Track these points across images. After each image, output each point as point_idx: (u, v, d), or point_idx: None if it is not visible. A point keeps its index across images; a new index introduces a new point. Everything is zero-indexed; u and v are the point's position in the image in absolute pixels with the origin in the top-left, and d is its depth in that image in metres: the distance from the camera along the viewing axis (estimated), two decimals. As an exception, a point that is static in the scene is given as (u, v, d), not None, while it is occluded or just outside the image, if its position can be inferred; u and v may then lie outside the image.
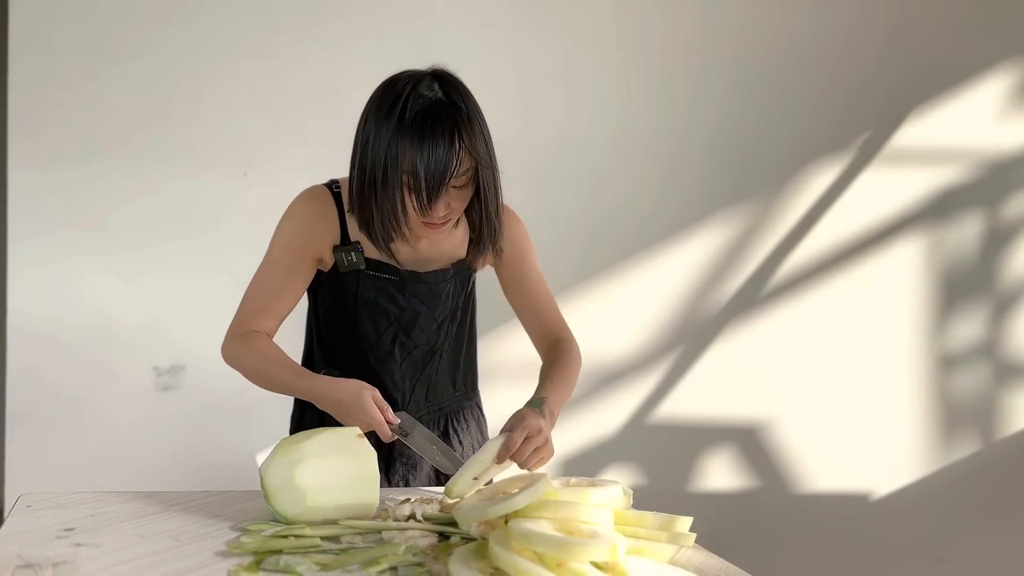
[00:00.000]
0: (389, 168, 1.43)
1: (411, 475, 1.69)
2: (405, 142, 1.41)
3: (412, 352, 1.65)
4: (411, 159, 1.41)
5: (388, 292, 1.60)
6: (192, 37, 2.62)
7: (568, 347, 1.70)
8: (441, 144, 1.41)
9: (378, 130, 1.45)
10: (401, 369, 1.65)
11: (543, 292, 1.74)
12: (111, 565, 1.06)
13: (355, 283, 1.60)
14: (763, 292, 2.97)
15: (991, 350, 3.10)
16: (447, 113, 1.43)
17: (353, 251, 1.58)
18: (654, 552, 1.14)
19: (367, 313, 1.61)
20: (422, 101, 1.43)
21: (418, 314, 1.62)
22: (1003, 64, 3.07)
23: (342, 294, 1.62)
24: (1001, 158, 3.09)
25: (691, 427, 2.94)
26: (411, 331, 1.63)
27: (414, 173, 1.42)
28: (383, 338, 1.62)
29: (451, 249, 1.64)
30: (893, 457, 3.06)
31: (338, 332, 1.63)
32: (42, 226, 2.56)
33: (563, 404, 1.61)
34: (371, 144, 1.46)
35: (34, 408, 2.55)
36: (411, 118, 1.42)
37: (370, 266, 1.59)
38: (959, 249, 3.08)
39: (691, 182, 2.93)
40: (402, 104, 1.43)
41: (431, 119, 1.41)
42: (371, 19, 2.72)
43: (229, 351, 1.62)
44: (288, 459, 1.26)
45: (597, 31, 2.87)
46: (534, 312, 1.73)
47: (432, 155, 1.40)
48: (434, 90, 1.45)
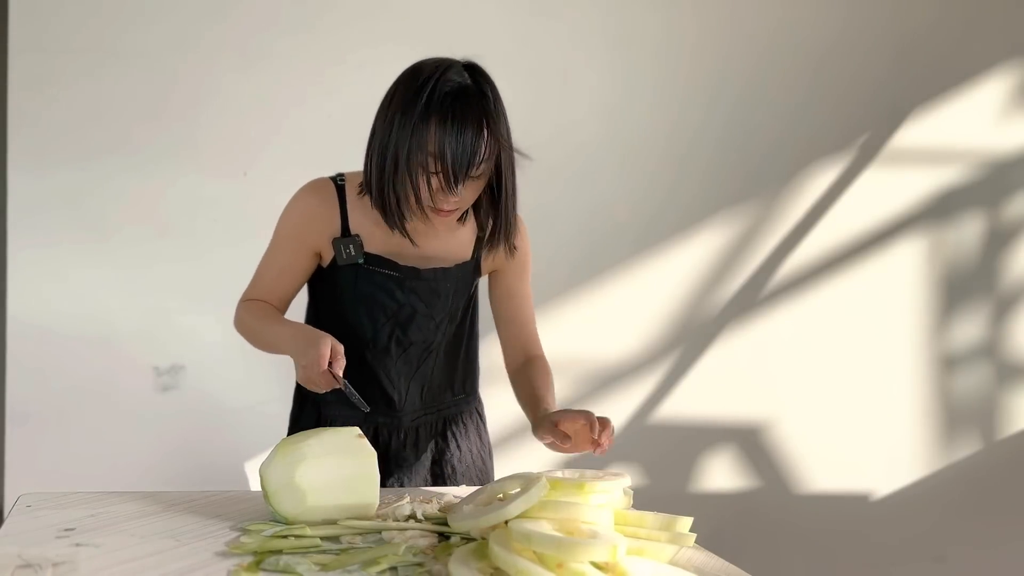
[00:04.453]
0: (412, 149, 1.42)
1: (406, 477, 1.68)
2: (432, 124, 1.40)
3: (408, 349, 1.64)
4: (438, 141, 1.40)
5: (386, 287, 1.60)
6: (192, 37, 2.62)
7: (547, 366, 1.72)
8: (470, 129, 1.39)
9: (405, 111, 1.43)
10: (397, 366, 1.64)
11: (530, 308, 1.74)
12: (111, 565, 1.06)
13: (353, 277, 1.60)
14: (764, 292, 2.97)
15: (991, 350, 3.10)
16: (476, 99, 1.42)
17: (352, 244, 1.57)
18: (654, 552, 1.14)
19: (364, 308, 1.61)
20: (451, 85, 1.42)
21: (415, 311, 1.62)
22: (1003, 64, 3.07)
23: (340, 288, 1.62)
24: (1002, 158, 3.09)
25: (691, 427, 2.94)
26: (408, 327, 1.63)
27: (440, 156, 1.40)
28: (380, 334, 1.62)
29: (456, 249, 1.63)
30: (893, 457, 3.06)
31: (336, 327, 1.63)
32: (42, 226, 2.56)
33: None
34: (395, 124, 1.44)
35: (34, 408, 2.55)
36: (439, 100, 1.40)
37: (369, 260, 1.59)
38: (959, 249, 3.08)
39: (691, 182, 2.93)
40: (431, 87, 1.41)
41: (461, 103, 1.40)
42: (371, 19, 2.72)
43: (235, 318, 1.66)
44: (288, 459, 1.26)
45: (597, 31, 2.87)
46: (517, 326, 1.73)
47: (460, 139, 1.39)
48: (463, 76, 1.44)
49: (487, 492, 1.25)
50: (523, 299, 1.73)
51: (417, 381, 1.67)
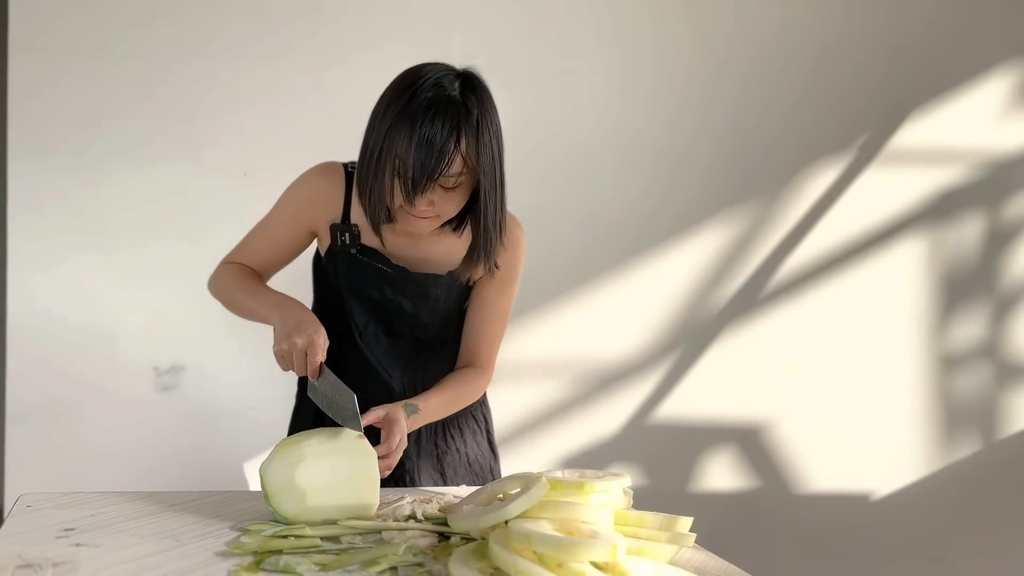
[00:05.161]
0: (384, 149, 1.43)
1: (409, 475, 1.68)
2: (404, 126, 1.40)
3: (395, 341, 1.65)
4: (404, 144, 1.40)
5: (376, 282, 1.60)
6: (193, 37, 2.62)
7: (479, 379, 1.68)
8: (437, 138, 1.39)
9: (387, 109, 1.44)
10: (388, 355, 1.65)
11: (499, 325, 1.70)
12: (111, 565, 1.06)
13: (346, 266, 1.60)
14: (764, 292, 2.97)
15: (992, 350, 3.10)
16: (454, 111, 1.41)
17: (348, 232, 1.58)
18: (654, 552, 1.14)
19: (353, 298, 1.62)
20: (434, 91, 1.41)
21: (401, 307, 1.62)
22: (1003, 64, 3.07)
23: (335, 276, 1.63)
24: (1001, 158, 3.09)
25: (691, 427, 2.94)
26: (392, 321, 1.63)
27: (403, 160, 1.40)
28: (368, 324, 1.63)
29: (452, 256, 1.62)
30: (893, 457, 3.06)
31: (332, 316, 1.63)
32: (42, 226, 2.56)
33: (424, 423, 1.59)
34: (377, 121, 1.46)
35: (34, 408, 2.55)
36: (417, 104, 1.40)
37: (363, 252, 1.59)
38: (960, 250, 3.08)
39: (692, 182, 2.93)
40: (415, 90, 1.42)
41: (434, 111, 1.40)
42: (371, 19, 2.72)
43: (212, 279, 1.68)
44: (288, 459, 1.26)
45: (597, 32, 2.87)
46: (478, 335, 1.69)
47: (423, 146, 1.39)
48: (452, 87, 1.43)
49: (487, 492, 1.25)
50: (495, 313, 1.68)
51: (410, 373, 1.67)
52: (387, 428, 1.45)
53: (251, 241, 1.68)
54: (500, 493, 1.23)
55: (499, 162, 1.48)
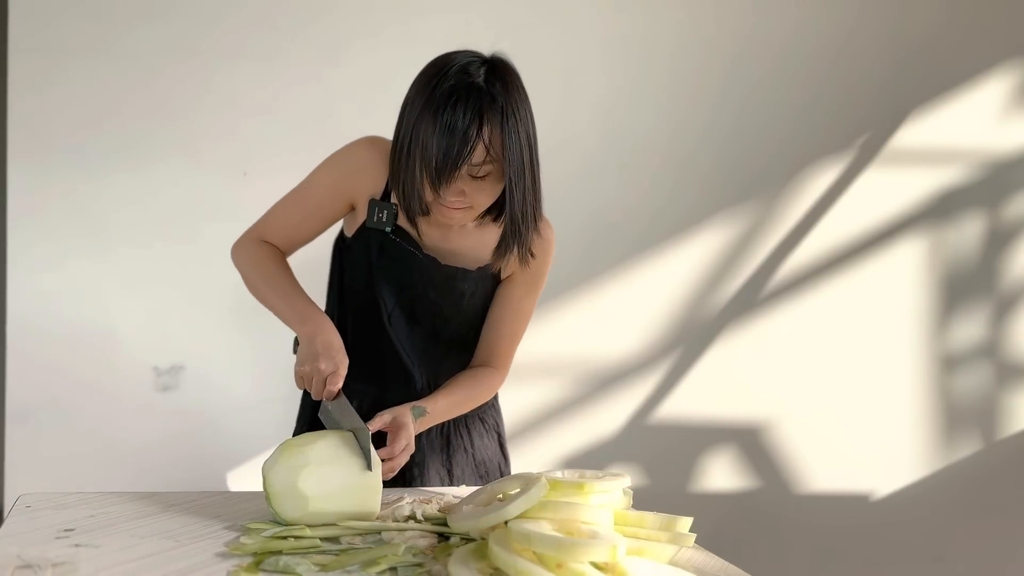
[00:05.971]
0: (412, 139, 1.41)
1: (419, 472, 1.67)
2: (428, 114, 1.39)
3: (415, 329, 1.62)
4: (428, 132, 1.38)
5: (406, 264, 1.57)
6: (192, 37, 2.62)
7: (492, 379, 1.66)
8: (459, 125, 1.37)
9: (414, 98, 1.43)
10: (410, 342, 1.62)
11: (520, 325, 1.68)
12: (111, 565, 1.06)
13: (378, 245, 1.57)
14: (764, 292, 2.97)
15: (992, 351, 3.10)
16: (476, 97, 1.38)
17: (386, 210, 1.54)
18: (654, 552, 1.14)
19: (383, 276, 1.58)
20: (458, 78, 1.39)
21: (426, 294, 1.59)
22: (1003, 64, 3.07)
23: (365, 254, 1.59)
24: (1002, 158, 3.09)
25: (691, 427, 2.94)
26: (415, 308, 1.60)
27: (427, 148, 1.39)
28: (393, 305, 1.60)
29: (480, 249, 1.59)
30: (893, 457, 3.06)
31: (358, 298, 1.61)
32: (42, 226, 2.56)
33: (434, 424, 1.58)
34: (406, 111, 1.44)
35: (34, 408, 2.55)
36: (441, 92, 1.38)
37: (396, 232, 1.56)
38: (960, 250, 3.08)
39: (692, 182, 2.93)
40: (440, 78, 1.40)
41: (456, 99, 1.37)
42: (370, 19, 2.71)
43: (239, 251, 1.63)
44: (292, 463, 1.25)
45: (598, 33, 2.87)
46: (499, 333, 1.67)
47: (446, 133, 1.37)
48: (478, 74, 1.40)
49: (487, 492, 1.25)
50: (518, 313, 1.66)
51: (426, 365, 1.64)
52: (393, 432, 1.44)
53: (282, 210, 1.62)
54: (500, 493, 1.23)
55: (528, 149, 1.44)
